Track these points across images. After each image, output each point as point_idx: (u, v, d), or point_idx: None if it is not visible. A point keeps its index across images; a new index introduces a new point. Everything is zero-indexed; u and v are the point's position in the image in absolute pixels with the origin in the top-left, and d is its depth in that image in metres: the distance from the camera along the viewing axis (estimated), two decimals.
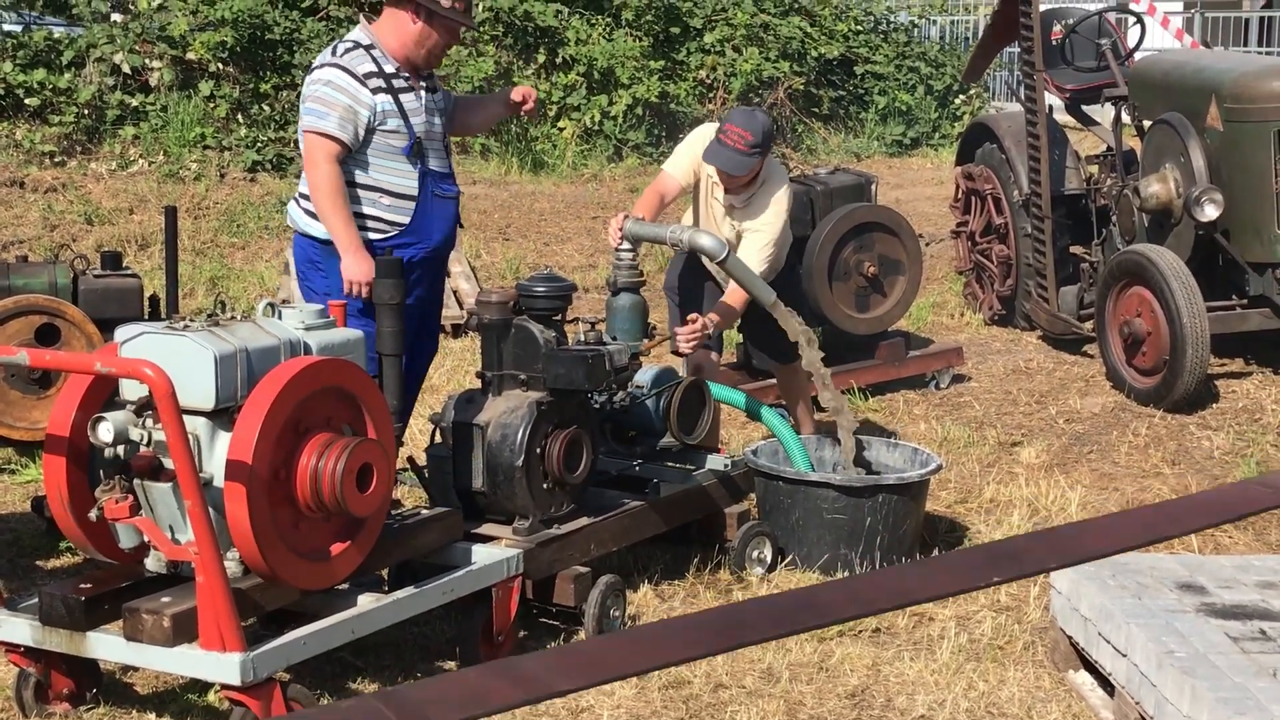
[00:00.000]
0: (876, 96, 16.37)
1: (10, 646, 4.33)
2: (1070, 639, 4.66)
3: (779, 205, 6.09)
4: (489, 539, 4.99)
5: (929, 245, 10.35)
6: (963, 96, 16.69)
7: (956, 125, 16.04)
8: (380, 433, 4.43)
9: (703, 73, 15.40)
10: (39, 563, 5.57)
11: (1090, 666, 4.58)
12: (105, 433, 4.10)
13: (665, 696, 4.56)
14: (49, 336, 6.13)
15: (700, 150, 6.01)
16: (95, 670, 4.48)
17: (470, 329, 8.97)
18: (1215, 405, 7.66)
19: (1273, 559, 4.97)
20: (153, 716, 4.42)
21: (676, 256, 6.53)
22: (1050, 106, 8.93)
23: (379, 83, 5.40)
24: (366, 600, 4.45)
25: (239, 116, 12.82)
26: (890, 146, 16.05)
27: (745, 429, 7.28)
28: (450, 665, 4.84)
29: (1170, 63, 8.83)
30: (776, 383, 6.92)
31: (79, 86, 12.35)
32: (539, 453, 5.01)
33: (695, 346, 5.87)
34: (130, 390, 4.19)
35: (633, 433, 5.57)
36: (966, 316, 9.56)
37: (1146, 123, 8.44)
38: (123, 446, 4.16)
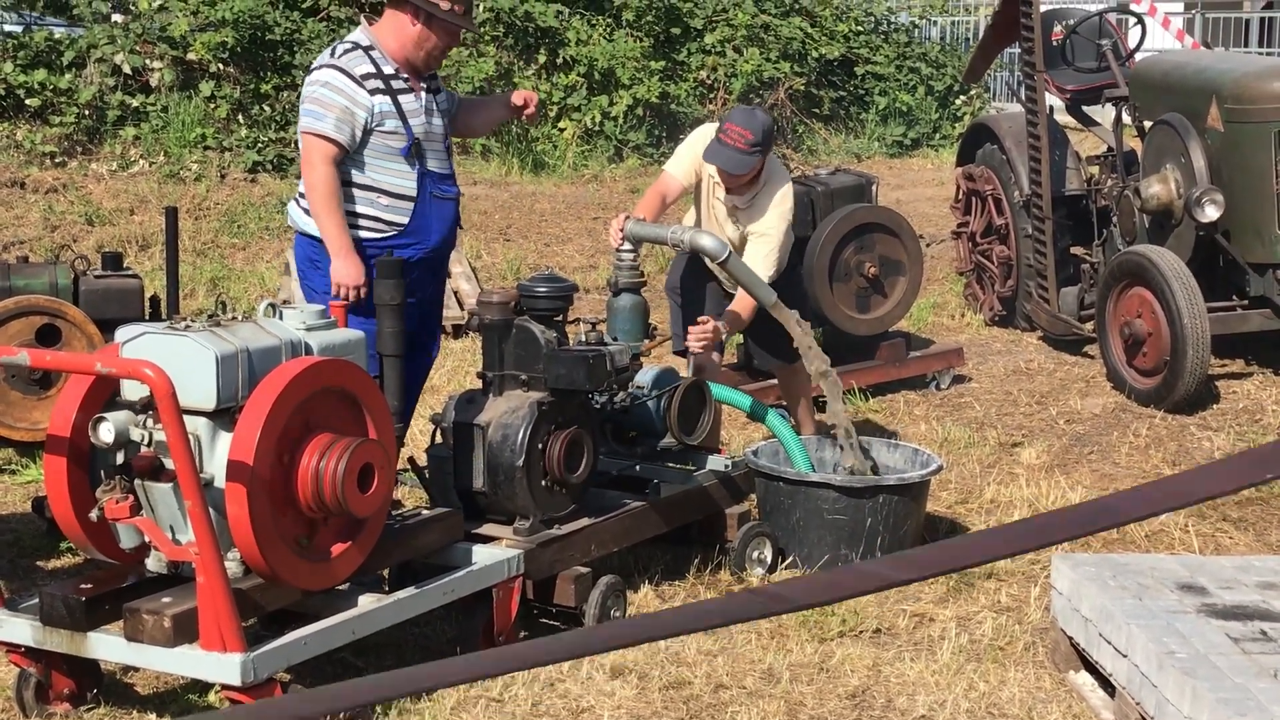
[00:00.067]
0: (877, 97, 16.35)
1: (11, 647, 4.34)
2: (1071, 639, 4.65)
3: (782, 207, 6.08)
4: (490, 539, 4.99)
5: (929, 246, 10.35)
6: (963, 97, 16.68)
7: (957, 126, 16.03)
8: (381, 433, 4.43)
9: (703, 73, 15.39)
10: (39, 563, 5.57)
11: (1091, 667, 4.57)
12: (106, 433, 4.11)
13: (666, 697, 4.56)
14: (50, 337, 6.13)
15: (701, 150, 6.00)
16: (96, 670, 4.48)
17: (471, 329, 8.97)
18: (1216, 406, 7.66)
19: (1273, 560, 4.97)
20: (153, 717, 4.41)
21: (678, 257, 6.52)
22: (1051, 107, 8.93)
23: (377, 84, 5.40)
24: (367, 601, 4.45)
25: (240, 117, 12.83)
26: (891, 147, 16.04)
27: (746, 429, 7.28)
28: None
29: (1171, 63, 8.82)
30: (777, 383, 6.92)
31: (80, 87, 12.36)
32: (540, 453, 5.00)
33: (705, 347, 5.87)
34: (131, 391, 4.19)
35: (633, 433, 5.57)
36: (967, 317, 9.56)
37: (1147, 123, 8.44)
38: (124, 447, 4.17)
